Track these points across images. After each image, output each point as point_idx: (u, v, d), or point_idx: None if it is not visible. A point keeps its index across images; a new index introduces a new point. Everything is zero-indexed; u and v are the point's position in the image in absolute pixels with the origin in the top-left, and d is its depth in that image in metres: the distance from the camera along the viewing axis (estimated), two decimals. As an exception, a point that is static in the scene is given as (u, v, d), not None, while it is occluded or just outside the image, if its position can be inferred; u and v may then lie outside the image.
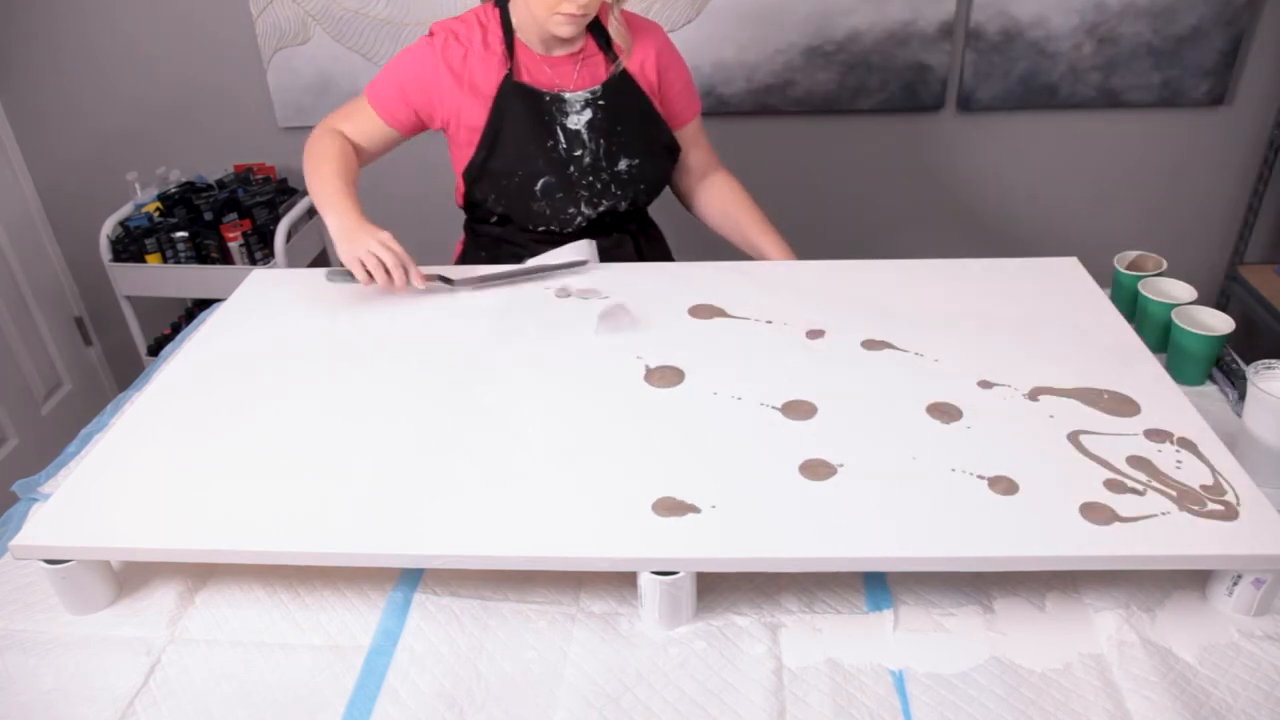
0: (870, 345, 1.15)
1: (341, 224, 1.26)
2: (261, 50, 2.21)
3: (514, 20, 1.35)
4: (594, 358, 1.15)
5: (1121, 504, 0.87)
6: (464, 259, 1.58)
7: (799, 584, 0.91)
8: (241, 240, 2.16)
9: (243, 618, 0.91)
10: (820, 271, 1.35)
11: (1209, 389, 1.17)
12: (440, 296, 1.31)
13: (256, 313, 1.31)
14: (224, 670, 0.85)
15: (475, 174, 1.40)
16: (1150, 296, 1.23)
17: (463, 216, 1.57)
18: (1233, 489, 0.88)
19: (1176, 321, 1.16)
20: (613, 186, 1.42)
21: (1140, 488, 0.89)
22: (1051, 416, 1.00)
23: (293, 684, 0.84)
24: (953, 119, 2.18)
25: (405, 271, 1.25)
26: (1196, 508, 0.86)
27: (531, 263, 1.37)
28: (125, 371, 2.71)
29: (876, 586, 0.91)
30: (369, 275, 1.23)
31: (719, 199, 1.52)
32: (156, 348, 2.37)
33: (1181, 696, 0.78)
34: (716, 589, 0.91)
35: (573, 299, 1.29)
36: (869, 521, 0.86)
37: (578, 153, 1.39)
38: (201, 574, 0.96)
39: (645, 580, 0.85)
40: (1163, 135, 2.15)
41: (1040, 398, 1.04)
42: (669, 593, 0.85)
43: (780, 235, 1.48)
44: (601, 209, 1.43)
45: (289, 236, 2.17)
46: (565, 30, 1.27)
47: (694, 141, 1.52)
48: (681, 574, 0.84)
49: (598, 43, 1.39)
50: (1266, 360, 1.01)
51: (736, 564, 0.85)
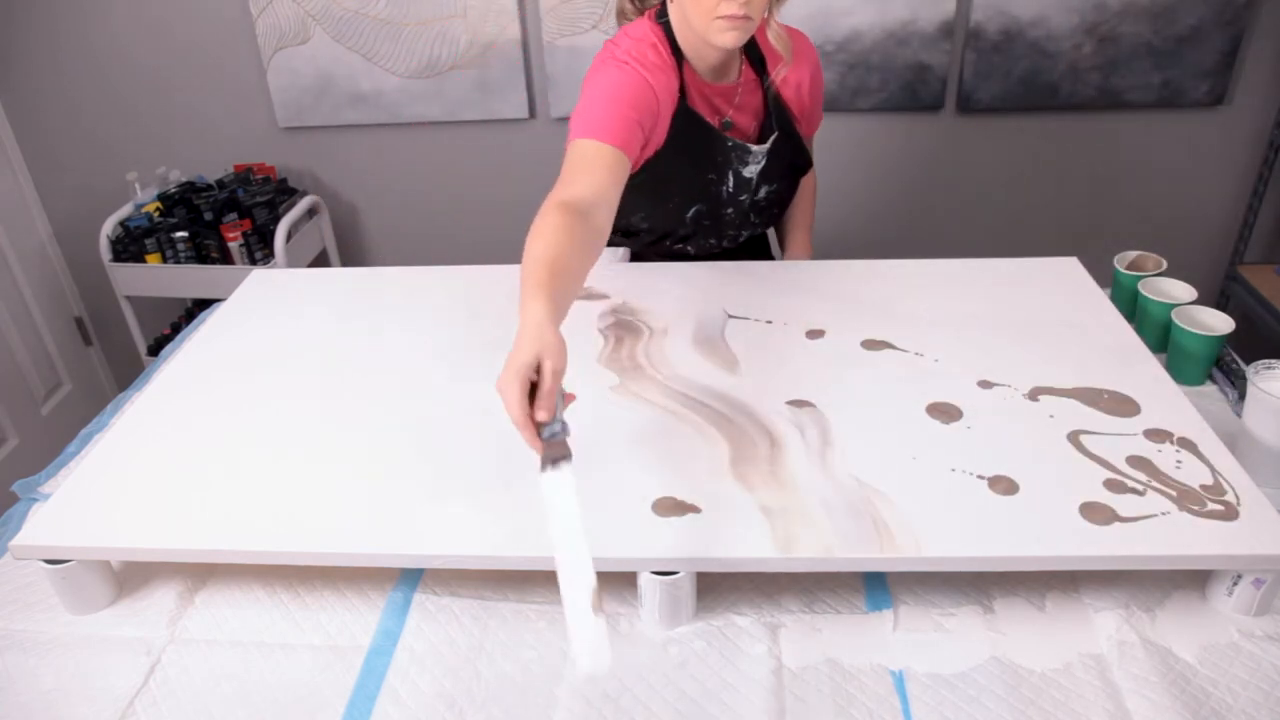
0: (870, 345, 1.15)
1: (523, 320, 0.93)
2: (261, 50, 2.21)
3: (680, 43, 1.24)
4: (594, 358, 1.15)
5: (1121, 504, 0.87)
6: None
7: (799, 584, 0.91)
8: (241, 240, 2.16)
9: (243, 618, 0.91)
10: (820, 271, 1.35)
11: (1209, 389, 1.17)
12: (439, 299, 1.31)
13: (256, 313, 1.31)
14: (224, 670, 0.85)
15: (629, 191, 1.20)
16: (1150, 296, 1.23)
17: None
18: (1233, 489, 0.88)
19: (1176, 321, 1.16)
20: (752, 215, 1.40)
21: (1140, 488, 0.89)
22: (1051, 416, 1.00)
23: (293, 684, 0.84)
24: (953, 119, 2.18)
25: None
26: (1196, 508, 0.86)
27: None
28: (125, 371, 2.71)
29: (876, 586, 0.91)
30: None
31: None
32: (156, 348, 2.37)
33: (1181, 696, 0.78)
34: (716, 589, 0.91)
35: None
36: (869, 521, 0.86)
37: (742, 197, 1.35)
38: (201, 574, 0.96)
39: (645, 580, 0.85)
40: (1163, 135, 2.15)
41: (1040, 398, 1.04)
42: (669, 593, 0.85)
43: (808, 237, 1.49)
44: (741, 240, 1.42)
45: (289, 236, 2.17)
46: (728, 39, 1.15)
47: (809, 153, 1.47)
48: (681, 574, 0.84)
49: (753, 67, 1.32)
50: (1266, 360, 1.01)
51: (736, 564, 0.85)
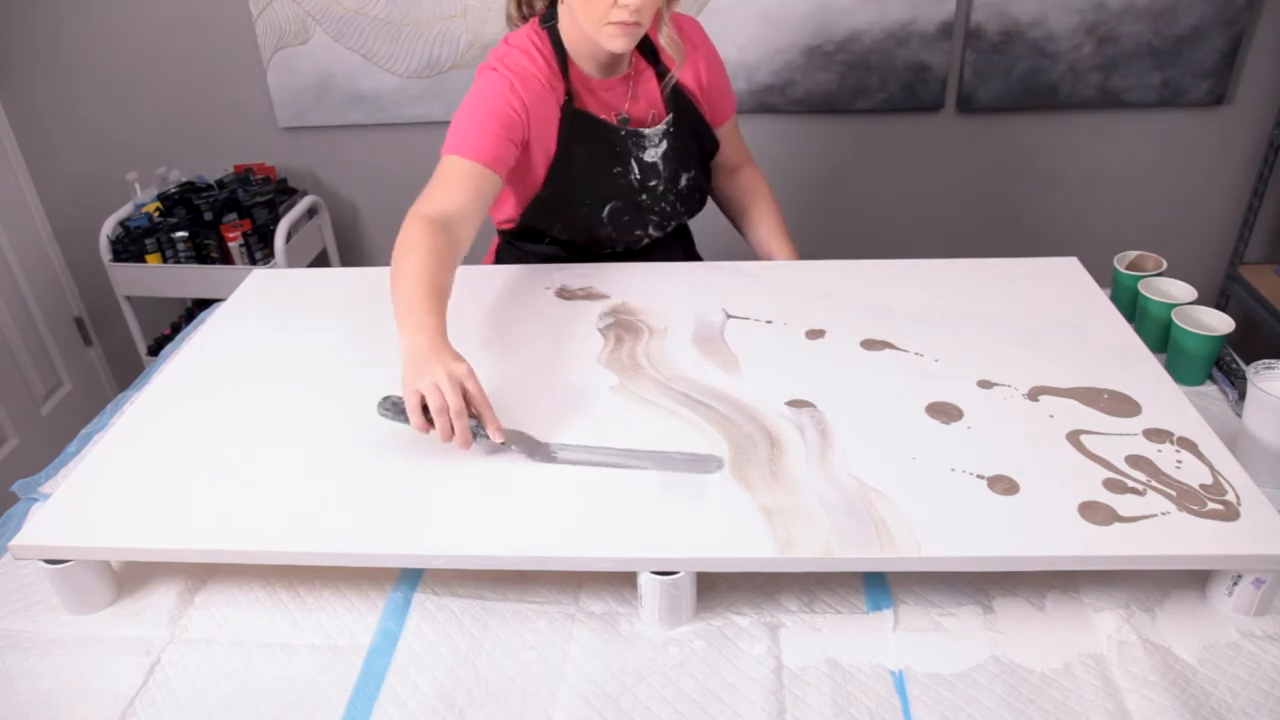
0: (870, 345, 1.15)
1: (412, 343, 0.98)
2: (261, 50, 2.21)
3: (566, 43, 1.26)
4: (594, 358, 1.15)
5: (1121, 504, 0.87)
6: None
7: (799, 584, 0.91)
8: (241, 240, 2.16)
9: (243, 618, 0.91)
10: (820, 271, 1.35)
11: (1209, 389, 1.17)
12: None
13: (256, 313, 1.31)
14: (224, 670, 0.85)
15: (541, 206, 1.32)
16: (1150, 296, 1.23)
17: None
18: (1233, 489, 0.88)
19: (1176, 321, 1.16)
20: (678, 204, 1.39)
21: (1140, 487, 0.89)
22: (1051, 416, 1.00)
23: (292, 684, 0.84)
24: (953, 119, 2.18)
25: (474, 423, 0.96)
26: (1196, 508, 0.86)
27: (651, 451, 0.98)
28: (125, 371, 2.71)
29: (876, 586, 0.91)
30: (425, 420, 0.94)
31: (741, 196, 1.50)
32: (156, 348, 2.37)
33: (1181, 696, 0.78)
34: (716, 589, 0.91)
35: (574, 299, 1.29)
36: (869, 521, 0.86)
37: (651, 183, 1.34)
38: (201, 574, 0.96)
39: (645, 580, 0.85)
40: (1163, 135, 2.15)
41: (1040, 398, 1.04)
42: (669, 592, 0.85)
43: (792, 244, 1.48)
44: (669, 228, 1.41)
45: (289, 236, 2.17)
46: (617, 44, 1.17)
47: (730, 136, 1.46)
48: (681, 574, 0.85)
49: (645, 58, 1.33)
50: (1266, 360, 1.01)
51: (736, 564, 0.85)
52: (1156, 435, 0.97)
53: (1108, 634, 0.84)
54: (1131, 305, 1.29)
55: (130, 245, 2.20)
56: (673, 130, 1.34)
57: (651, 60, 1.34)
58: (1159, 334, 1.22)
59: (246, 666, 0.86)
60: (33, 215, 2.44)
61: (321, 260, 2.42)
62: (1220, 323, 1.16)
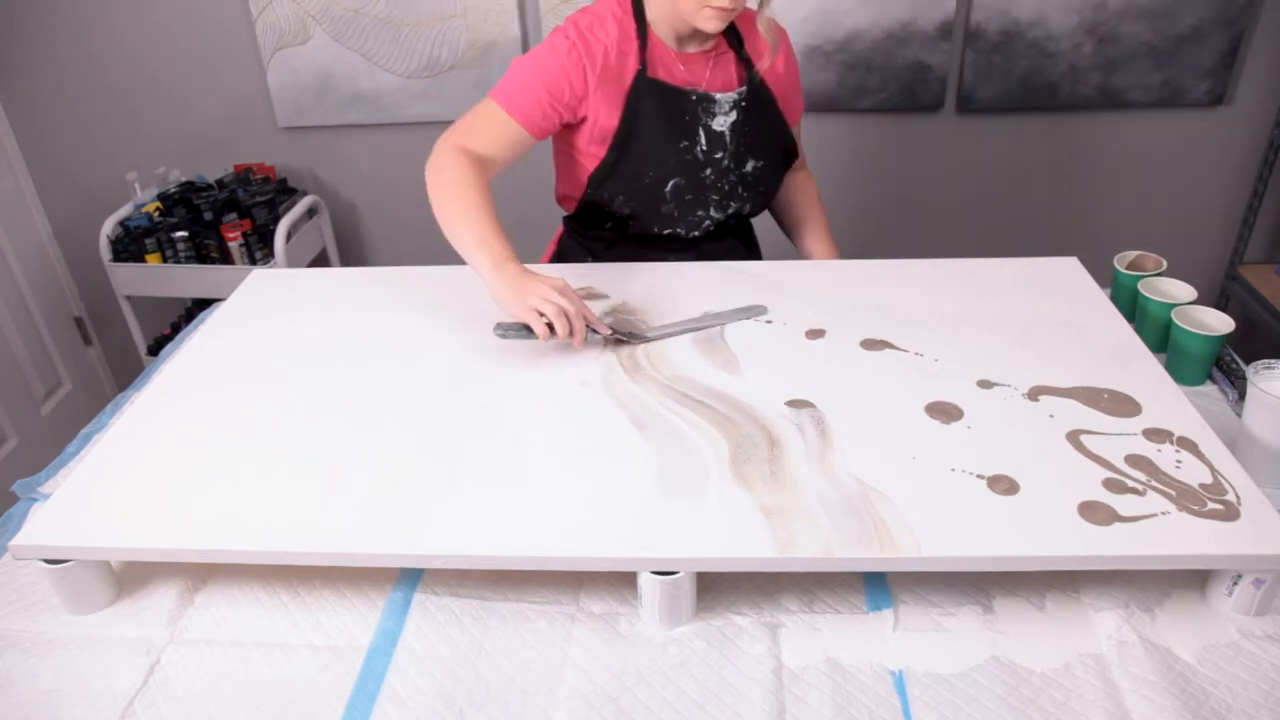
0: (870, 345, 1.15)
1: (502, 271, 1.11)
2: (261, 50, 2.21)
3: (649, 13, 1.27)
4: (594, 358, 1.15)
5: (1121, 504, 0.87)
6: (562, 262, 1.50)
7: (799, 584, 0.91)
8: (241, 240, 2.16)
9: (243, 618, 0.91)
10: (820, 271, 1.35)
11: (1209, 389, 1.17)
12: (438, 299, 1.31)
13: (256, 313, 1.31)
14: (224, 670, 0.85)
15: (604, 174, 1.32)
16: (1150, 296, 1.23)
17: (557, 215, 1.50)
18: (1233, 489, 0.88)
19: (1176, 321, 1.16)
20: (740, 189, 1.39)
21: (1140, 487, 0.89)
22: (1051, 416, 1.00)
23: (292, 684, 0.84)
24: (953, 119, 2.18)
25: (586, 323, 1.11)
26: (1196, 507, 0.86)
27: (704, 313, 1.22)
28: (125, 371, 2.71)
29: (876, 586, 0.91)
30: (549, 329, 1.09)
31: (791, 195, 1.51)
32: (156, 348, 2.37)
33: (1181, 696, 0.78)
34: (716, 589, 0.91)
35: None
36: (869, 521, 0.86)
37: (717, 155, 1.33)
38: (201, 574, 0.96)
39: (645, 580, 0.85)
40: (1163, 135, 2.15)
41: (1040, 398, 1.04)
42: (669, 592, 0.85)
43: (835, 248, 1.49)
44: (729, 211, 1.40)
45: (289, 236, 2.17)
46: (713, 25, 1.19)
47: (794, 139, 1.47)
48: (681, 574, 0.84)
49: (728, 40, 1.33)
50: (1266, 360, 1.01)
51: (736, 564, 0.85)
52: (1156, 435, 0.97)
53: (1108, 634, 0.84)
54: (1131, 305, 1.29)
55: (130, 245, 2.20)
56: (744, 105, 1.33)
57: (733, 43, 1.33)
58: (1159, 334, 1.22)
59: (246, 666, 0.86)
60: (33, 215, 2.45)
61: (321, 260, 2.42)
62: (1220, 323, 1.16)
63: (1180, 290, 1.23)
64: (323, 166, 2.40)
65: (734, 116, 1.33)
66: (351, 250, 2.53)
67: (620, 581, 0.92)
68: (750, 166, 1.37)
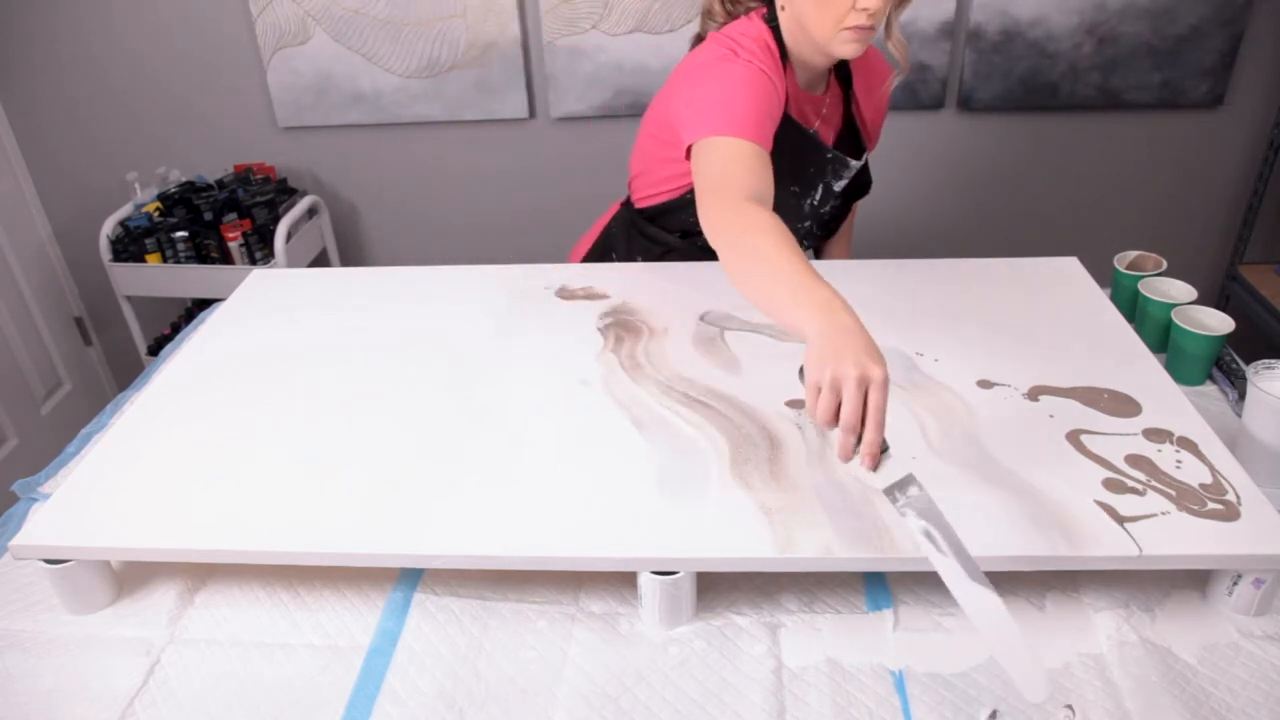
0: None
1: (834, 321, 0.84)
2: (261, 50, 2.21)
3: (790, 48, 1.19)
4: (594, 358, 1.15)
5: (1121, 504, 0.87)
6: (609, 248, 1.44)
7: (799, 584, 0.91)
8: (241, 240, 2.16)
9: (243, 618, 0.91)
10: (819, 271, 1.35)
11: (1209, 389, 1.17)
12: (439, 299, 1.31)
13: (256, 313, 1.31)
14: (224, 670, 0.85)
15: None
16: (1150, 296, 1.23)
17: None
18: (1233, 489, 0.88)
19: (1176, 321, 1.16)
20: (816, 229, 1.39)
21: (1140, 487, 0.89)
22: (1051, 416, 1.00)
23: (292, 684, 0.84)
24: (953, 118, 2.18)
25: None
26: (1196, 507, 0.86)
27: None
28: (125, 371, 2.71)
29: (876, 586, 0.91)
30: (835, 417, 0.80)
31: None
32: (156, 348, 2.37)
33: (1181, 696, 0.78)
34: (716, 589, 0.91)
35: (574, 299, 1.29)
36: (869, 521, 0.86)
37: (822, 210, 1.31)
38: (201, 574, 0.96)
39: (645, 580, 0.85)
40: (1163, 135, 2.15)
41: (1040, 398, 1.04)
42: (669, 592, 0.85)
43: (850, 253, 1.52)
44: (806, 247, 1.40)
45: (289, 236, 2.17)
46: (850, 49, 1.11)
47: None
48: (681, 574, 0.84)
49: (839, 81, 1.30)
50: (1266, 360, 1.01)
51: (736, 564, 0.85)
52: (1156, 435, 0.97)
53: (1108, 634, 0.84)
54: (1131, 305, 1.29)
55: (130, 245, 2.20)
56: (862, 165, 1.31)
57: (843, 84, 1.30)
58: (1159, 334, 1.22)
59: (246, 666, 0.86)
60: (33, 215, 2.45)
61: (321, 260, 2.42)
62: (1220, 323, 1.16)
63: (1180, 290, 1.23)
64: (323, 166, 2.40)
65: (851, 178, 1.32)
66: (351, 250, 2.53)
67: (620, 581, 0.92)
68: (828, 207, 1.36)
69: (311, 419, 1.05)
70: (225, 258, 2.19)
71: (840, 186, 1.30)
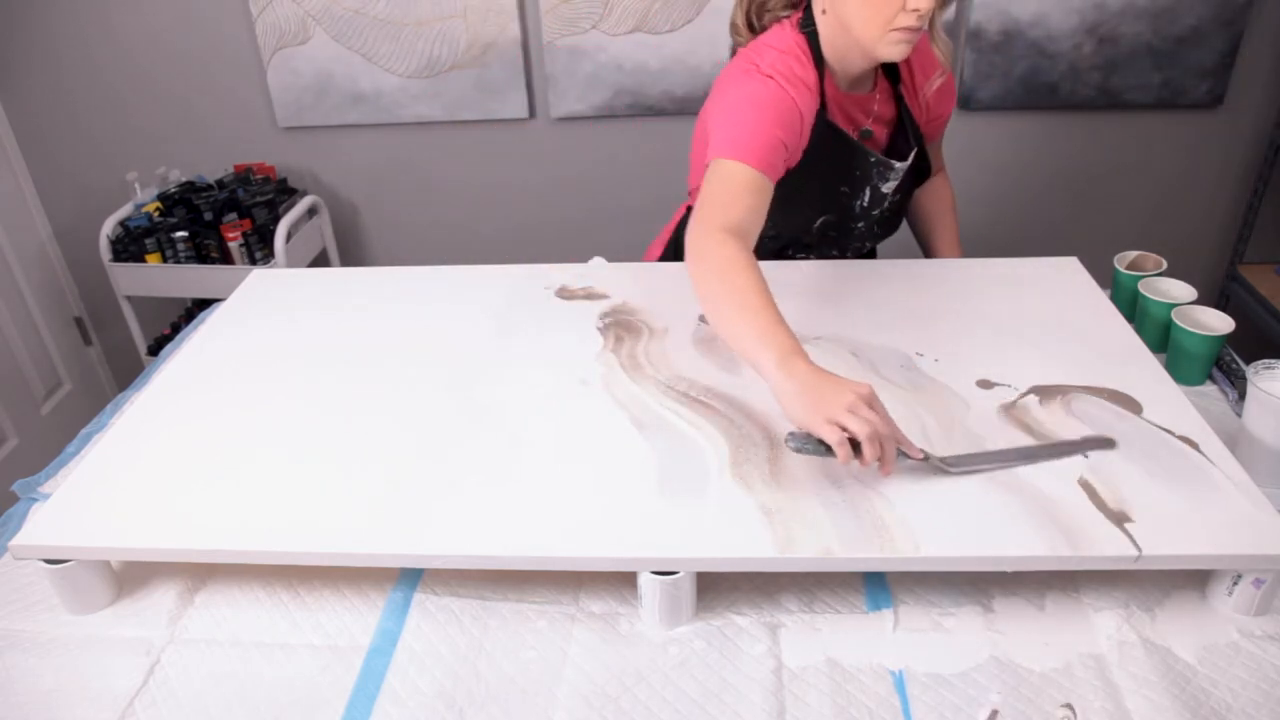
0: (870, 345, 1.15)
1: (793, 373, 0.90)
2: (261, 50, 2.21)
3: (825, 52, 1.17)
4: (594, 358, 1.15)
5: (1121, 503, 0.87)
6: (679, 248, 1.40)
7: (799, 584, 0.91)
8: (241, 240, 2.16)
9: (243, 618, 0.91)
10: (819, 271, 1.35)
11: (1209, 389, 1.17)
12: (439, 299, 1.31)
13: (256, 313, 1.31)
14: (224, 670, 0.85)
15: None
16: (1150, 296, 1.23)
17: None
18: (1233, 489, 0.88)
19: (1176, 321, 1.16)
20: (877, 228, 1.38)
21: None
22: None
23: (292, 684, 0.84)
24: (953, 119, 2.18)
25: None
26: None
27: (1036, 446, 0.97)
28: (125, 371, 2.71)
29: (876, 586, 0.91)
30: (853, 450, 0.87)
31: (927, 200, 1.47)
32: (156, 348, 2.37)
33: (1181, 696, 0.78)
34: (716, 589, 0.91)
35: (574, 299, 1.29)
36: (869, 521, 0.86)
37: (875, 211, 1.31)
38: (201, 574, 0.96)
39: (645, 580, 0.85)
40: (1162, 135, 2.15)
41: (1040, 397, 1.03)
42: (669, 592, 0.85)
43: (957, 241, 1.47)
44: (864, 250, 1.39)
45: (289, 236, 2.17)
46: (898, 51, 1.10)
47: (935, 143, 1.42)
48: (681, 574, 0.84)
49: (887, 78, 1.28)
50: (1266, 360, 1.01)
51: (736, 564, 0.85)
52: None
53: (1108, 634, 0.84)
54: (1131, 305, 1.29)
55: (130, 245, 2.20)
56: (911, 165, 1.30)
57: (892, 81, 1.29)
58: (1159, 334, 1.22)
59: (246, 666, 0.86)
60: (33, 215, 2.44)
61: (321, 260, 2.42)
62: (1220, 323, 1.16)
63: (1180, 290, 1.23)
64: (323, 166, 2.40)
65: (901, 179, 1.30)
66: (351, 250, 2.53)
67: (620, 581, 0.92)
68: (887, 203, 1.34)
69: (311, 419, 1.05)
70: (225, 258, 2.19)
71: (889, 188, 1.29)
